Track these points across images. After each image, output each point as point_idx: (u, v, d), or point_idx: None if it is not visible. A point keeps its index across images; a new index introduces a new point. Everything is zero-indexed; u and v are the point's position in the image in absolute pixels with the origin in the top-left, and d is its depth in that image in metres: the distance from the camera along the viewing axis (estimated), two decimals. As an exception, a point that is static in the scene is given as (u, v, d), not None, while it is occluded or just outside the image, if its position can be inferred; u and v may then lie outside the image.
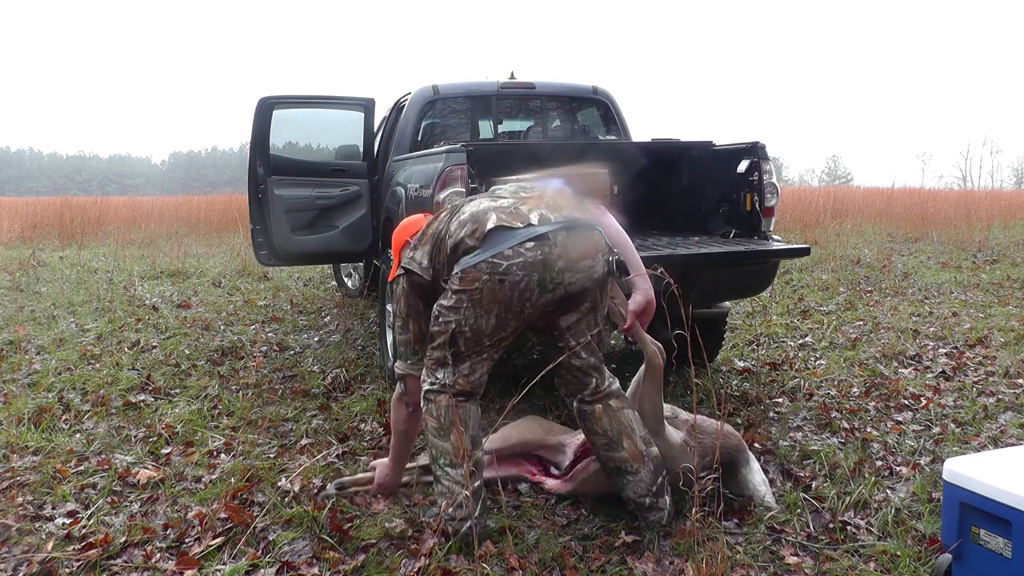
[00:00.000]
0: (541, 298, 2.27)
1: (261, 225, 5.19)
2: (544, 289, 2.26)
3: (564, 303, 2.34)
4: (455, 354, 2.34)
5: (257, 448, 3.19)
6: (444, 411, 2.34)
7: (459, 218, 2.39)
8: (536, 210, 2.31)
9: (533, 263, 2.22)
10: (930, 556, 2.27)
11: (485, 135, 5.26)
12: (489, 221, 2.28)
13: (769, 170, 3.89)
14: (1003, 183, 65.51)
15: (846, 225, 13.39)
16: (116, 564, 2.29)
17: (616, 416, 2.43)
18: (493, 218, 2.29)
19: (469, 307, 2.27)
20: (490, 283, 2.23)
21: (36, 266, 8.91)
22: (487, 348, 2.36)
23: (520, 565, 2.23)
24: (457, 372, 2.36)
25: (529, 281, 2.23)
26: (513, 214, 2.30)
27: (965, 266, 8.60)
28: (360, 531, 2.46)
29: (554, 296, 2.28)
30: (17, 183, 77.36)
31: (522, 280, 2.22)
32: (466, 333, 2.31)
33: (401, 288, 2.50)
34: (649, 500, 2.42)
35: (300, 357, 4.76)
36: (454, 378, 2.36)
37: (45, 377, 4.17)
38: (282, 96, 5.17)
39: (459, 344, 2.33)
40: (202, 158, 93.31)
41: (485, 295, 2.25)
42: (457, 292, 2.28)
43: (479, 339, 2.32)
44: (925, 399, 3.79)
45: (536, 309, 2.30)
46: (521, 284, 2.23)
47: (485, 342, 2.34)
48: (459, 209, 2.45)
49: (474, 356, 2.35)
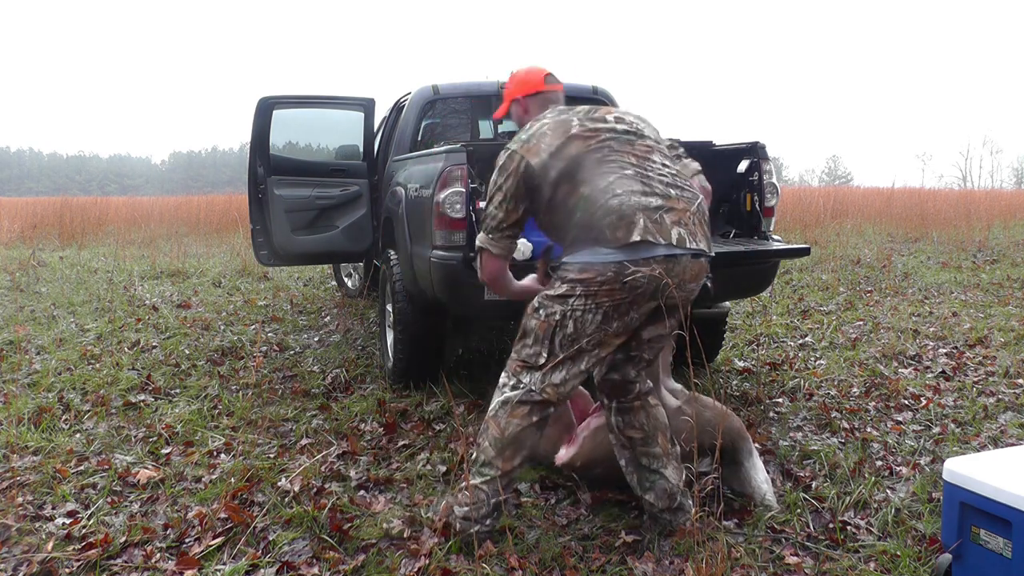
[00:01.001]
0: (646, 303, 2.23)
1: (261, 225, 5.19)
2: (653, 297, 2.22)
3: (656, 314, 2.28)
4: (549, 353, 2.25)
5: (257, 448, 3.19)
6: (515, 427, 2.26)
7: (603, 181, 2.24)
8: (678, 227, 2.21)
9: (658, 276, 2.18)
10: (930, 556, 2.27)
11: (485, 135, 5.26)
12: (636, 229, 2.16)
13: (769, 170, 3.89)
14: (1003, 183, 65.55)
15: (846, 225, 13.39)
16: (116, 564, 2.29)
17: (652, 413, 2.44)
18: (640, 225, 2.16)
19: (580, 299, 2.20)
20: (613, 281, 2.17)
21: (36, 266, 8.91)
22: (582, 354, 2.25)
23: (520, 565, 2.23)
24: (547, 380, 2.26)
25: (646, 289, 2.19)
26: (659, 225, 2.18)
27: (965, 266, 8.60)
28: (360, 531, 2.46)
29: (655, 305, 2.24)
30: (17, 183, 77.38)
31: (642, 287, 2.18)
32: (567, 328, 2.22)
33: (518, 167, 2.34)
34: (679, 500, 2.42)
35: (300, 357, 4.76)
36: (542, 385, 2.26)
37: (45, 377, 4.17)
38: (282, 96, 5.17)
39: (555, 341, 2.24)
40: (202, 158, 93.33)
41: (602, 291, 2.18)
42: (571, 282, 2.21)
43: (577, 339, 2.23)
44: (925, 399, 3.79)
45: (640, 316, 2.26)
46: (639, 290, 2.18)
47: (584, 343, 2.23)
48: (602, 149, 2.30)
49: (567, 362, 2.26)
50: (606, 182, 2.23)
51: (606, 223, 2.18)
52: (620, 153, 2.31)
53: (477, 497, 2.30)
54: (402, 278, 3.88)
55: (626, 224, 2.17)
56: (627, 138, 2.36)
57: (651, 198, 2.21)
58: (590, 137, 2.33)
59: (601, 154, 2.29)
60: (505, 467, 2.28)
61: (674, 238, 2.19)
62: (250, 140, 5.12)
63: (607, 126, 2.38)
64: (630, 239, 2.15)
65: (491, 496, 2.30)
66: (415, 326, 3.83)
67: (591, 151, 2.30)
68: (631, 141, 2.35)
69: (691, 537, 2.30)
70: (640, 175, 2.26)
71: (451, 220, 3.32)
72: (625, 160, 2.29)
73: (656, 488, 2.42)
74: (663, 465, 2.42)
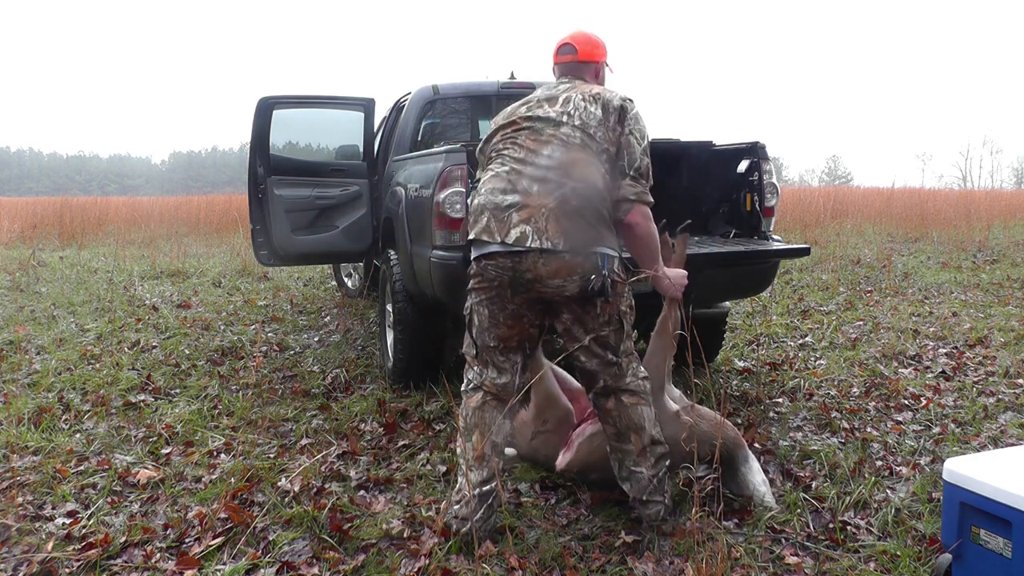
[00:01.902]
0: (516, 296, 2.36)
1: (261, 225, 5.19)
2: (516, 290, 2.35)
3: (550, 308, 2.40)
4: (474, 347, 2.46)
5: (257, 448, 3.19)
6: (471, 412, 2.44)
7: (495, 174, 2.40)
8: (524, 225, 2.27)
9: (504, 268, 2.32)
10: (930, 556, 2.27)
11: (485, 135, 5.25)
12: (477, 226, 2.36)
13: (769, 170, 3.89)
14: (1003, 183, 65.51)
15: (846, 225, 13.39)
16: (116, 564, 2.29)
17: (627, 411, 2.43)
18: (482, 223, 2.34)
19: (472, 294, 2.44)
20: (477, 275, 2.39)
21: (36, 266, 8.91)
22: (491, 347, 2.42)
23: (520, 565, 2.23)
24: (484, 374, 2.45)
25: (502, 280, 2.34)
26: (500, 222, 2.30)
27: (965, 266, 8.60)
28: (360, 531, 2.46)
29: (529, 296, 2.35)
30: (17, 183, 77.34)
31: (496, 278, 2.35)
32: (474, 322, 2.44)
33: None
34: (646, 496, 2.44)
35: (300, 357, 4.76)
36: (481, 380, 2.46)
37: (45, 377, 4.17)
38: (282, 96, 5.17)
39: (472, 335, 2.45)
40: (202, 158, 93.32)
41: (475, 283, 2.41)
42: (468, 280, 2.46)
43: (483, 332, 2.43)
44: (925, 399, 3.79)
45: (518, 307, 2.37)
46: (496, 282, 2.35)
47: (487, 336, 2.42)
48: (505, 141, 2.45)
49: (488, 354, 2.44)
50: (481, 179, 2.46)
51: (470, 220, 2.43)
52: (514, 147, 2.40)
53: (461, 494, 2.36)
54: (402, 278, 3.88)
55: (473, 221, 2.39)
56: (538, 126, 2.39)
57: (508, 196, 2.32)
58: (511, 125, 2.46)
59: (502, 145, 2.45)
60: (476, 457, 2.36)
61: (512, 237, 2.27)
62: (250, 140, 5.12)
63: (531, 114, 2.44)
64: (470, 235, 2.39)
65: (474, 487, 2.34)
66: (415, 326, 3.83)
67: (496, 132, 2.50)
68: (538, 130, 2.38)
69: (691, 537, 2.30)
70: (512, 172, 2.35)
71: (451, 220, 3.33)
72: (510, 154, 2.40)
73: (628, 481, 2.48)
74: (636, 464, 2.45)
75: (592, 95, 2.42)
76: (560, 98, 2.43)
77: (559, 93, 2.46)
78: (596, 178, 2.33)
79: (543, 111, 2.41)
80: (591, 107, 2.39)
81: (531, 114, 2.42)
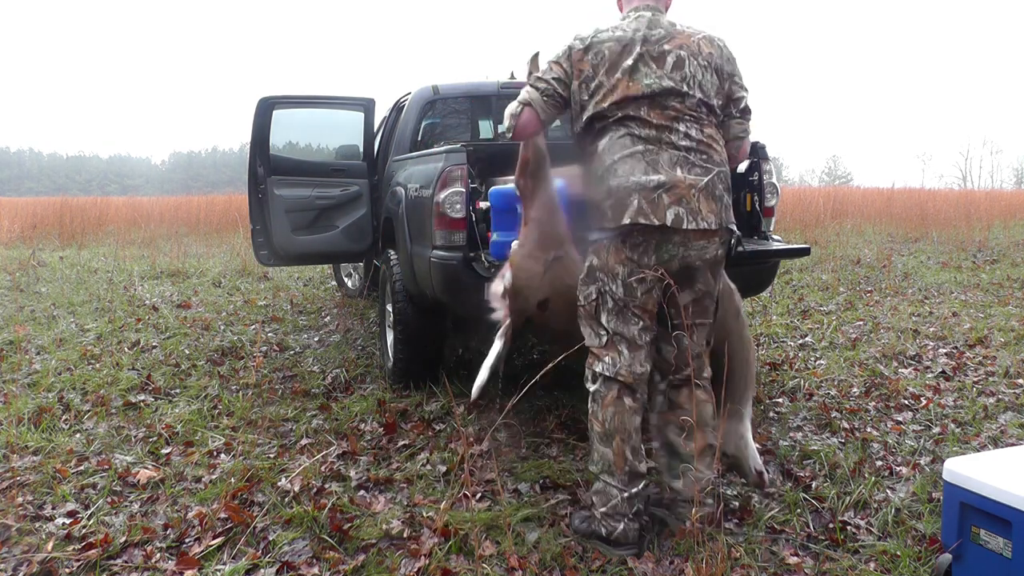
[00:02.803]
0: (654, 258, 2.29)
1: (261, 225, 5.19)
2: (660, 258, 2.28)
3: (682, 279, 2.33)
4: (604, 332, 2.34)
5: (257, 448, 3.19)
6: (611, 416, 2.33)
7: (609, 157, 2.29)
8: (676, 207, 2.24)
9: (652, 231, 2.27)
10: (930, 556, 2.27)
11: (485, 135, 5.26)
12: (628, 209, 2.24)
13: (769, 170, 3.89)
14: (1003, 183, 65.48)
15: (846, 225, 13.39)
16: (116, 564, 2.29)
17: (700, 406, 2.42)
18: (633, 205, 2.23)
19: (601, 271, 2.32)
20: (614, 244, 2.30)
21: (36, 266, 8.91)
22: (628, 324, 2.32)
23: (520, 565, 2.23)
24: (617, 363, 2.34)
25: (647, 246, 2.28)
26: (652, 203, 2.23)
27: (965, 266, 8.60)
28: (360, 531, 2.46)
29: (670, 267, 2.29)
30: (17, 183, 77.33)
31: (641, 244, 2.28)
32: (607, 303, 2.33)
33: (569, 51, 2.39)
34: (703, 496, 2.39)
35: (300, 357, 4.76)
36: (615, 369, 2.34)
37: (45, 377, 4.17)
38: (282, 96, 5.17)
39: (601, 319, 2.34)
40: (202, 158, 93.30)
41: (611, 260, 2.30)
42: (589, 257, 2.37)
43: (617, 309, 2.32)
44: (925, 399, 3.79)
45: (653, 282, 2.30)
46: (640, 247, 2.28)
47: (625, 313, 2.32)
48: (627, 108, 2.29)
49: (622, 337, 2.33)
50: (611, 160, 2.29)
51: (607, 204, 2.28)
52: (638, 122, 2.28)
53: (607, 496, 2.32)
54: (402, 278, 3.88)
55: (619, 206, 2.25)
56: (659, 100, 2.29)
57: (652, 176, 2.24)
58: (630, 85, 2.28)
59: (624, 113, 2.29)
60: (618, 461, 2.32)
61: (668, 218, 2.24)
62: (250, 140, 5.12)
63: (654, 75, 2.29)
64: (621, 222, 2.25)
65: (618, 491, 2.32)
66: (415, 326, 3.83)
67: (619, 106, 2.29)
68: (663, 105, 2.29)
69: (691, 537, 2.30)
70: (648, 152, 2.27)
71: (451, 220, 3.33)
72: (637, 131, 2.28)
73: (687, 478, 2.41)
74: (688, 461, 2.42)
75: (704, 59, 2.34)
76: (669, 59, 2.30)
77: (663, 48, 2.31)
78: (725, 157, 2.38)
79: (658, 78, 2.28)
80: (707, 75, 2.34)
81: (650, 84, 2.28)
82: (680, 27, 2.38)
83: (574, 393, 3.84)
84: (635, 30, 2.33)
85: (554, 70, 2.37)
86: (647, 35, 2.32)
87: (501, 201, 3.18)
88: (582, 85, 2.33)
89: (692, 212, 2.25)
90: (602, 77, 2.30)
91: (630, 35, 2.32)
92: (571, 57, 2.35)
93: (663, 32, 2.33)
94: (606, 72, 2.30)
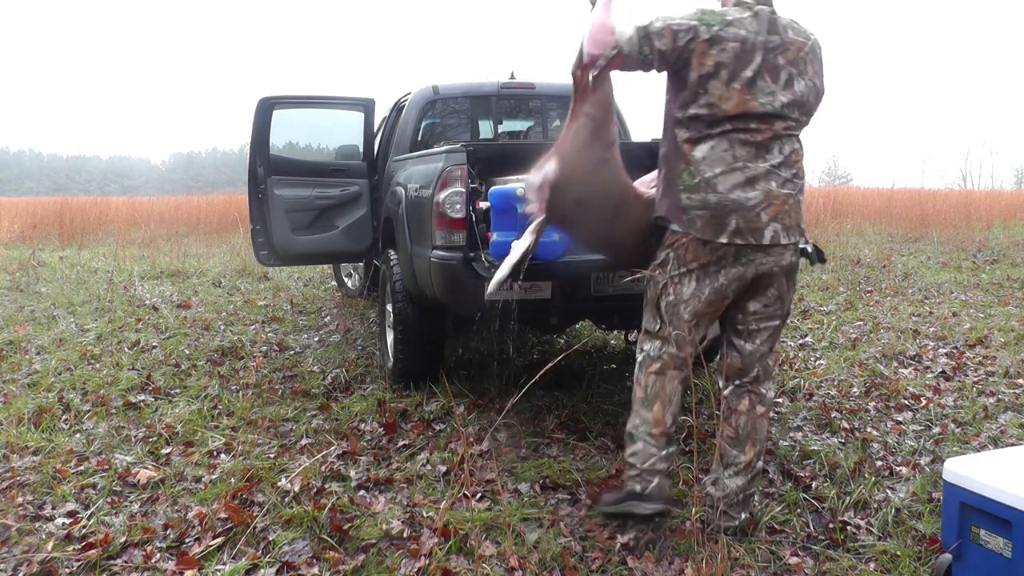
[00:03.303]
0: (733, 270, 2.30)
1: (261, 225, 5.19)
2: (738, 261, 2.30)
3: (754, 286, 2.37)
4: (660, 321, 2.39)
5: (257, 448, 3.19)
6: (652, 381, 2.40)
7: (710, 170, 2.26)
8: (774, 224, 2.29)
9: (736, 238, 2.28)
10: (930, 556, 2.27)
11: (485, 135, 5.26)
12: (727, 230, 2.25)
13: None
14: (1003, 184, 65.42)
15: (846, 225, 13.39)
16: (116, 564, 2.29)
17: (757, 420, 2.47)
18: (731, 226, 2.25)
19: (674, 263, 2.33)
20: (696, 242, 2.29)
21: (36, 266, 8.91)
22: (682, 321, 2.35)
23: (520, 565, 2.23)
24: (664, 348, 2.39)
25: (727, 251, 2.28)
26: (749, 223, 2.26)
27: (965, 266, 8.60)
28: (360, 531, 2.46)
29: (745, 273, 2.31)
30: (17, 183, 77.28)
31: (721, 249, 2.28)
32: (669, 296, 2.35)
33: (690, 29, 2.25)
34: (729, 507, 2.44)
35: (300, 357, 4.76)
36: (659, 352, 2.39)
37: (45, 377, 4.17)
38: (282, 96, 5.17)
39: (661, 308, 2.38)
40: (202, 158, 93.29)
41: (689, 253, 2.30)
42: (667, 247, 2.36)
43: (677, 304, 2.34)
44: (925, 399, 3.79)
45: (731, 284, 2.32)
46: (720, 251, 2.28)
47: (682, 309, 2.34)
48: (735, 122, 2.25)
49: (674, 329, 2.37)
50: (711, 173, 2.26)
51: (697, 214, 2.27)
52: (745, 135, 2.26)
53: (646, 455, 2.36)
54: (402, 278, 3.88)
55: (718, 224, 2.26)
56: (768, 119, 2.27)
57: (752, 192, 2.26)
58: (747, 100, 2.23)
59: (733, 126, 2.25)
60: (658, 424, 2.37)
61: (767, 237, 2.28)
62: (250, 140, 5.12)
63: (768, 93, 2.25)
64: (716, 239, 2.26)
65: (660, 450, 2.37)
66: (415, 326, 3.83)
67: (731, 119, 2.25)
68: (770, 123, 2.28)
69: (691, 537, 2.30)
70: (746, 168, 2.26)
71: (451, 220, 3.33)
72: (737, 151, 2.26)
73: (721, 486, 2.46)
74: (735, 474, 2.46)
75: (810, 79, 2.32)
76: (782, 75, 2.27)
77: (778, 61, 2.26)
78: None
79: (771, 96, 2.25)
80: (809, 96, 2.33)
81: (764, 103, 2.24)
82: (792, 34, 2.31)
83: (574, 393, 3.84)
84: (755, 32, 2.24)
85: (665, 40, 2.22)
86: (767, 41, 2.25)
87: (501, 201, 3.18)
88: (700, 79, 2.23)
89: (786, 228, 2.31)
90: (722, 82, 2.23)
91: (752, 38, 2.24)
92: (692, 41, 2.22)
93: (779, 40, 2.27)
94: (727, 79, 2.22)
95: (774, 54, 2.26)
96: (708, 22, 2.23)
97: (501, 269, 2.56)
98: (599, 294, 3.35)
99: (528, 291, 3.21)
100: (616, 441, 3.25)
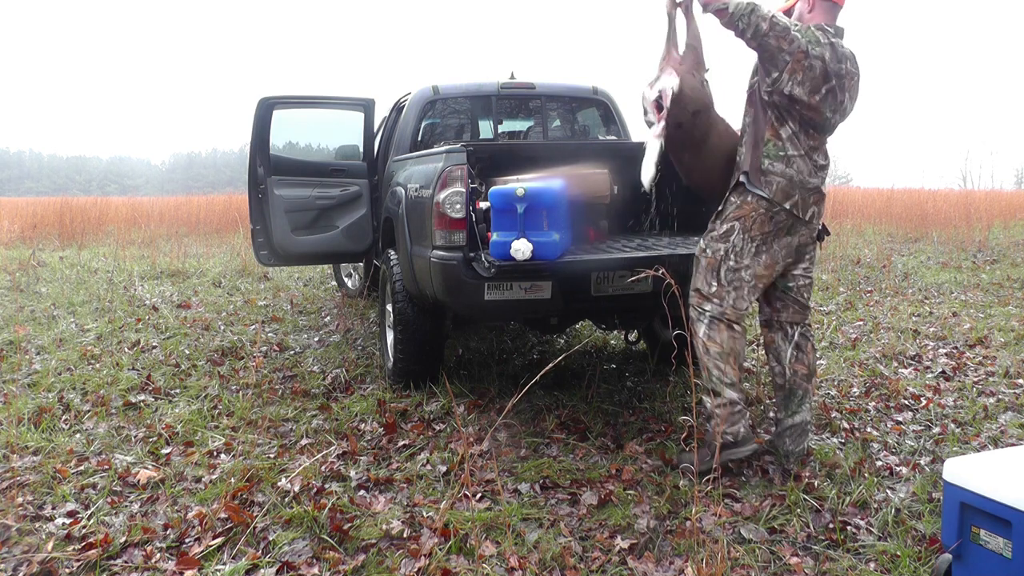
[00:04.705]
0: (784, 239, 2.84)
1: (261, 225, 5.19)
2: (788, 232, 2.84)
3: (798, 253, 2.93)
4: (718, 285, 2.84)
5: (257, 448, 3.19)
6: (727, 339, 2.83)
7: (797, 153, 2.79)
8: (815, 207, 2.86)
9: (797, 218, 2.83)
10: (930, 556, 2.27)
11: (485, 135, 5.25)
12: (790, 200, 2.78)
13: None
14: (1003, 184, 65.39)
15: (846, 225, 13.39)
16: (116, 564, 2.29)
17: (813, 356, 3.08)
18: (794, 198, 2.79)
19: (739, 235, 2.81)
20: (763, 217, 2.79)
21: (36, 266, 8.91)
22: (743, 284, 2.83)
23: (520, 565, 2.23)
24: (724, 304, 2.84)
25: (784, 224, 2.82)
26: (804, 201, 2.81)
27: (965, 266, 8.60)
28: (360, 531, 2.46)
29: (792, 242, 2.87)
30: (17, 183, 77.26)
31: (782, 222, 2.82)
32: (730, 262, 2.82)
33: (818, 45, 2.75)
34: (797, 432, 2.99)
35: (300, 357, 4.76)
36: (722, 308, 2.84)
37: (45, 377, 4.17)
38: (282, 96, 5.17)
39: (721, 274, 2.83)
40: (202, 159, 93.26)
41: (755, 226, 2.79)
42: (730, 221, 2.83)
43: (738, 270, 2.82)
44: (925, 399, 3.79)
45: (782, 250, 2.86)
46: (782, 224, 2.82)
47: (744, 274, 2.82)
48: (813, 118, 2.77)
49: (732, 292, 2.83)
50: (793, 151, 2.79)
51: (777, 181, 2.77)
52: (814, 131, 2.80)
53: (732, 405, 2.78)
54: (402, 278, 3.88)
55: (782, 190, 2.78)
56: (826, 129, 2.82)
57: (812, 179, 2.82)
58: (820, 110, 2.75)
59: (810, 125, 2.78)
60: (735, 374, 2.82)
61: (808, 214, 2.85)
62: (250, 140, 5.12)
63: (830, 110, 2.77)
64: (783, 204, 2.79)
65: (740, 396, 2.82)
66: (415, 326, 3.83)
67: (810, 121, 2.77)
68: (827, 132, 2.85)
69: (691, 537, 2.30)
70: (811, 162, 2.82)
71: (451, 220, 3.33)
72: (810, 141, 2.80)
73: (802, 411, 2.99)
74: (803, 401, 2.99)
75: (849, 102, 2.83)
76: (841, 98, 2.78)
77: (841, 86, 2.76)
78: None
79: (832, 114, 2.79)
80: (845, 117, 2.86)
81: (827, 118, 2.79)
82: (849, 65, 2.78)
83: (574, 393, 3.84)
84: (831, 59, 2.71)
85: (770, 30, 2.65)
86: (837, 70, 2.73)
87: (501, 201, 3.18)
88: (794, 75, 2.69)
89: (819, 212, 2.89)
90: (806, 89, 2.70)
91: (831, 66, 2.71)
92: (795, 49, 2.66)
93: (844, 70, 2.76)
94: (809, 89, 2.71)
95: (840, 81, 2.75)
96: (808, 37, 2.69)
97: (648, 168, 2.88)
98: (599, 294, 3.35)
99: (528, 291, 3.21)
100: (616, 441, 3.25)
